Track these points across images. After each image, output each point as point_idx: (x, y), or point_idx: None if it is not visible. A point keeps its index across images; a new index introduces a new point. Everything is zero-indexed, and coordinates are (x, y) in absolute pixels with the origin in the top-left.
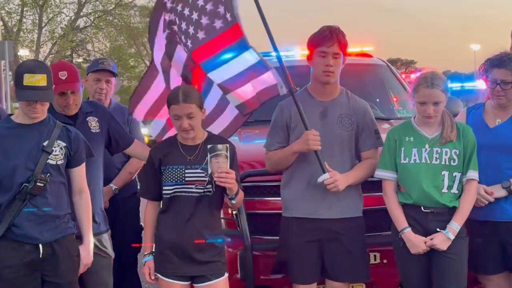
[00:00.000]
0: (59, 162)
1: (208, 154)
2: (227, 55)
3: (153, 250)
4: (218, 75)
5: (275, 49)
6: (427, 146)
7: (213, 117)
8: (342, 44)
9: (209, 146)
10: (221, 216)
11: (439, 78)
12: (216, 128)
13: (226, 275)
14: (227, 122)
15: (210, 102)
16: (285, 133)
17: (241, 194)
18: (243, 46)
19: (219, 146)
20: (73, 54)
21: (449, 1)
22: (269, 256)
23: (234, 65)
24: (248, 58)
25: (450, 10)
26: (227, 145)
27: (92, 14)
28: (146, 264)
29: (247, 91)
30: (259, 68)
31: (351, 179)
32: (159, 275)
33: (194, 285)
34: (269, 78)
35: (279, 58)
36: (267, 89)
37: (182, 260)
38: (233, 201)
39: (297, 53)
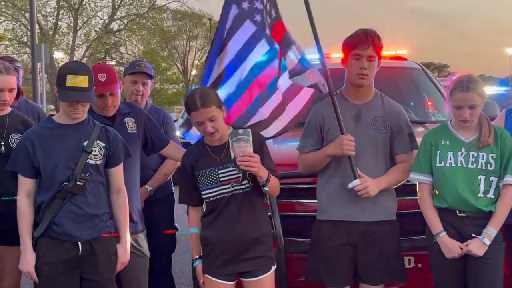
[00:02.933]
0: (98, 162)
1: (229, 140)
2: (269, 54)
3: (200, 254)
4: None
5: (319, 49)
6: (463, 150)
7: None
8: (377, 47)
9: (229, 131)
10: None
11: (474, 82)
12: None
13: (273, 268)
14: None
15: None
16: (319, 135)
17: (275, 181)
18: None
19: (240, 131)
20: (107, 57)
21: (484, 5)
22: (302, 258)
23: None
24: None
25: (484, 14)
26: (249, 130)
27: (126, 17)
28: (196, 269)
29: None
30: (298, 66)
31: (384, 183)
32: (206, 275)
33: (242, 279)
34: (308, 76)
35: (321, 60)
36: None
37: (229, 259)
38: (266, 188)
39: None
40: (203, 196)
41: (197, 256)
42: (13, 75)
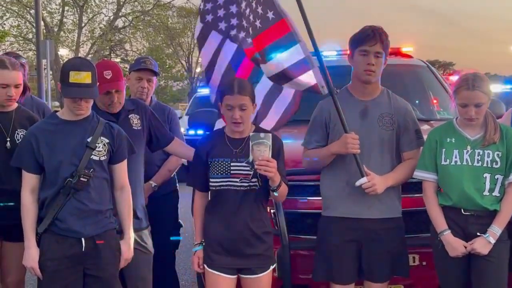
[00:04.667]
0: (102, 158)
1: (250, 142)
2: (274, 51)
3: (203, 240)
4: (268, 68)
5: (316, 49)
6: (468, 147)
7: (264, 111)
8: (385, 44)
9: (251, 134)
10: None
11: (480, 80)
12: (270, 121)
13: (271, 268)
14: (278, 115)
15: (259, 95)
16: (324, 132)
17: (285, 187)
18: (290, 42)
19: (261, 135)
20: (111, 54)
21: (489, 3)
22: (306, 255)
23: (281, 59)
24: (294, 54)
25: (490, 13)
26: (270, 134)
27: (131, 14)
28: (196, 254)
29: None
30: (302, 66)
31: (391, 181)
32: (206, 267)
33: (240, 275)
34: (310, 77)
35: (320, 58)
36: (307, 88)
37: (229, 253)
38: (275, 193)
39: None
40: (210, 184)
41: (199, 242)
42: (19, 70)
